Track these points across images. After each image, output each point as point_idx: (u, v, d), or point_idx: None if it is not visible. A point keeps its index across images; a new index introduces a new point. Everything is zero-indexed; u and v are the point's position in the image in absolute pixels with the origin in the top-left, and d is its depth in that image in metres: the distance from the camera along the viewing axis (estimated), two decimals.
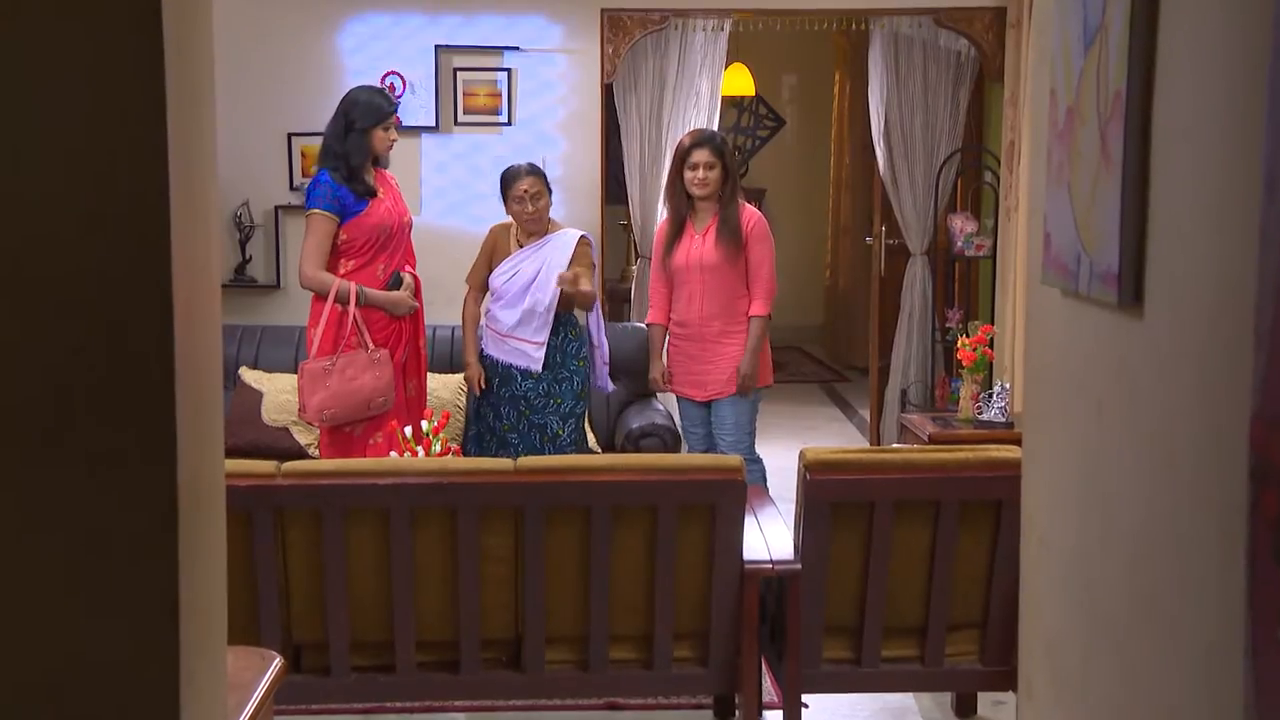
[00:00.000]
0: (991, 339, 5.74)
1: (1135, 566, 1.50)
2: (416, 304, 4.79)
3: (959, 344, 5.71)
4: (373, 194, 4.64)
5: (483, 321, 5.16)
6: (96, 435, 1.45)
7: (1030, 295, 1.93)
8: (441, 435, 4.40)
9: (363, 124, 4.60)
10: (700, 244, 5.12)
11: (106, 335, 1.44)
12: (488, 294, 5.13)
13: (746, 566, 3.49)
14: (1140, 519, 1.49)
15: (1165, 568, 1.43)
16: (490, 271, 5.08)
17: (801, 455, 3.54)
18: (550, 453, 4.94)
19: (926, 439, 5.46)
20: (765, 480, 5.18)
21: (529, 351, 4.99)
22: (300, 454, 5.54)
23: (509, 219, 5.09)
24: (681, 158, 5.13)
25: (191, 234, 1.54)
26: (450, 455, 4.36)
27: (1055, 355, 1.79)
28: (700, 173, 5.06)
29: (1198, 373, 1.36)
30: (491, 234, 5.16)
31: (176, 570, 1.50)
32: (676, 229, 5.18)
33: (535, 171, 5.02)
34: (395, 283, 4.72)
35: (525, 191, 4.95)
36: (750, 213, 5.20)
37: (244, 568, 3.36)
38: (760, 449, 5.41)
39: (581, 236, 5.07)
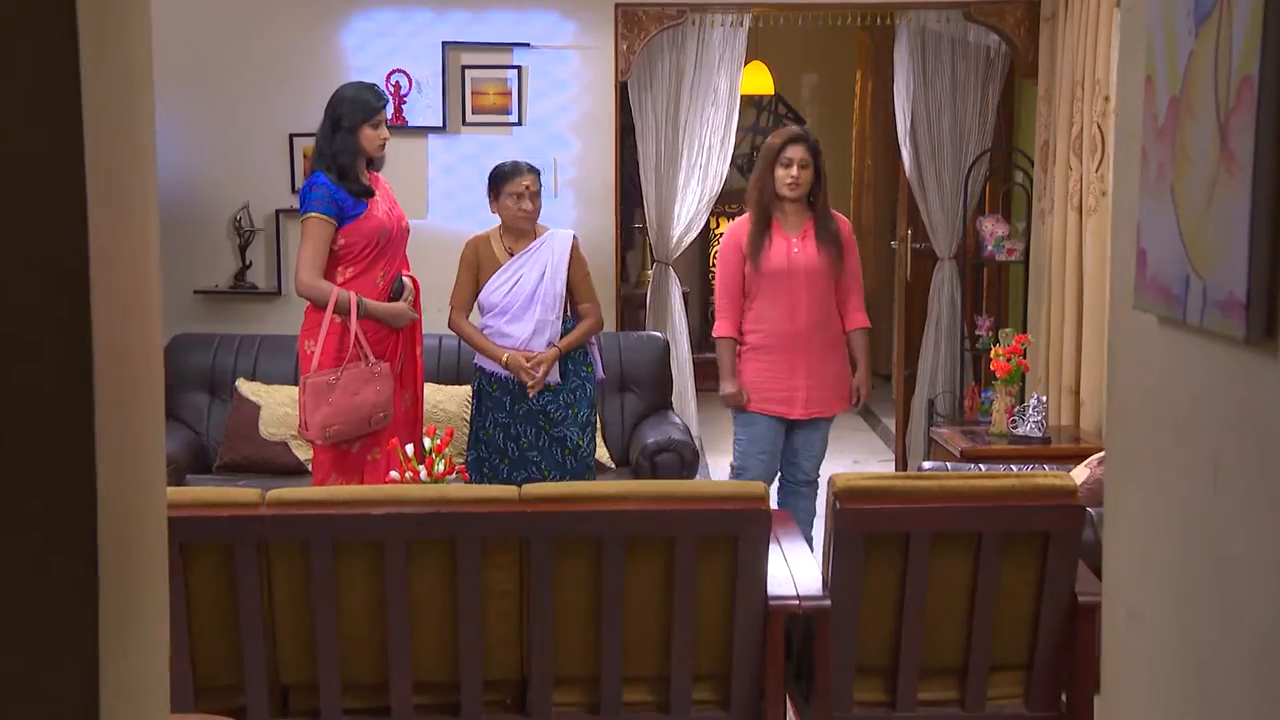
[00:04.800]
0: (1026, 349, 5.46)
1: (1266, 655, 1.23)
2: (417, 315, 4.52)
3: (992, 354, 5.43)
4: (369, 193, 4.39)
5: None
6: None
7: (1116, 321, 1.64)
8: (446, 453, 4.11)
9: (350, 121, 4.34)
10: (801, 248, 4.81)
11: (3, 369, 1.18)
12: (478, 311, 4.79)
13: (771, 602, 3.25)
14: (1274, 600, 1.21)
15: None
16: (478, 288, 4.75)
17: (831, 482, 3.27)
18: (572, 466, 4.69)
19: (959, 455, 5.19)
20: None
21: None
22: (300, 470, 5.31)
23: (484, 230, 4.79)
24: (773, 155, 4.80)
25: (118, 240, 1.26)
26: (455, 474, 4.09)
27: (1150, 396, 1.50)
28: (794, 170, 4.75)
29: None
30: (471, 248, 4.77)
31: (96, 654, 1.23)
32: (762, 230, 4.85)
33: (536, 170, 4.78)
34: (398, 288, 4.45)
35: (527, 188, 4.69)
36: (843, 219, 4.94)
37: (225, 605, 3.12)
38: None
39: (573, 236, 4.82)
